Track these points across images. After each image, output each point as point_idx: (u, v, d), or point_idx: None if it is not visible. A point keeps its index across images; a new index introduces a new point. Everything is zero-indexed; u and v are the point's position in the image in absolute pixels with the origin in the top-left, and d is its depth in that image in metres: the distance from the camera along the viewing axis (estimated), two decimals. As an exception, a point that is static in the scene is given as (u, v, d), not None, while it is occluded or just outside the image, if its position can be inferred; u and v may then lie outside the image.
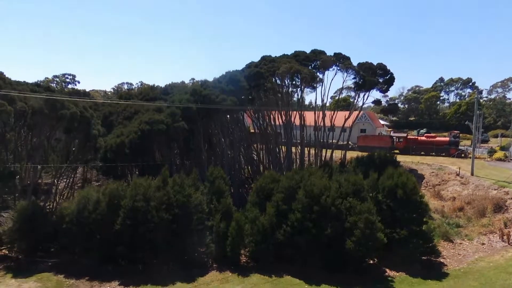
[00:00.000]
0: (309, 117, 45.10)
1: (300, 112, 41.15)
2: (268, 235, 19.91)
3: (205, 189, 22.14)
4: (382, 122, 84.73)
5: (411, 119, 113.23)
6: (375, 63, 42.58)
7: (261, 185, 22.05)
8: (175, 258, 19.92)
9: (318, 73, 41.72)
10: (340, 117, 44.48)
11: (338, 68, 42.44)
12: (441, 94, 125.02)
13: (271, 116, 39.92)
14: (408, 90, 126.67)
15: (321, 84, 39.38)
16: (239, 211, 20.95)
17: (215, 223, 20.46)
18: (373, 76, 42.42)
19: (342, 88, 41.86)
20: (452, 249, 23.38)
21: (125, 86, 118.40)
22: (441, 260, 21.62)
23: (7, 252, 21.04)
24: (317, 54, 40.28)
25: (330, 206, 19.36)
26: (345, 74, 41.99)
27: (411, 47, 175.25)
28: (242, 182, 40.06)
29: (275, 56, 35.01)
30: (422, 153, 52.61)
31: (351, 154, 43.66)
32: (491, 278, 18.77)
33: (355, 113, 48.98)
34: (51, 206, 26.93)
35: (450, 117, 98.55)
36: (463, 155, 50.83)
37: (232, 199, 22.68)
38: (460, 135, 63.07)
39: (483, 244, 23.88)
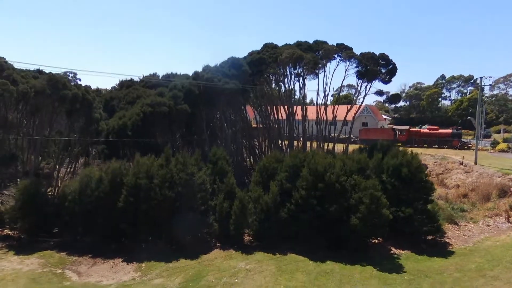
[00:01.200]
0: (311, 111, 44.99)
1: (302, 100, 41.07)
2: (271, 214, 19.71)
3: (208, 170, 21.95)
4: (384, 116, 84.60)
5: (413, 116, 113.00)
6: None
7: (264, 164, 21.88)
8: (178, 237, 19.73)
9: (320, 68, 41.75)
10: (342, 111, 44.45)
11: (341, 58, 42.26)
12: (443, 92, 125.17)
13: (273, 108, 39.77)
14: (410, 87, 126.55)
15: (323, 71, 39.11)
16: (242, 190, 20.73)
17: (218, 202, 20.28)
18: (376, 66, 42.28)
19: (344, 78, 41.35)
20: (457, 231, 23.18)
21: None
22: (446, 240, 21.45)
23: (9, 232, 20.91)
24: (320, 44, 40.10)
25: (335, 183, 19.18)
26: (348, 63, 41.90)
27: (412, 44, 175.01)
28: (245, 172, 39.92)
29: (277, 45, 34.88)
30: (424, 145, 52.40)
31: (353, 147, 43.57)
32: (497, 255, 18.58)
33: (357, 106, 48.92)
34: (52, 193, 26.77)
35: (452, 113, 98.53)
36: (465, 147, 50.66)
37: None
38: (462, 131, 62.98)
39: (488, 225, 23.69)
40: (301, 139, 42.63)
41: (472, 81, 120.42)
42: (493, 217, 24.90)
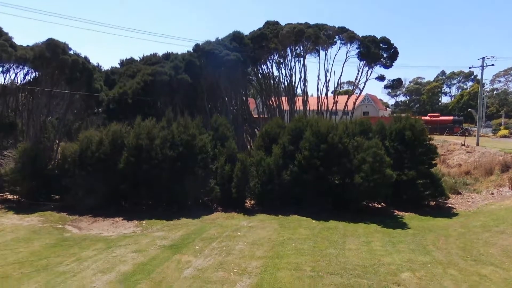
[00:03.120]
0: (312, 103, 44.86)
1: (303, 83, 40.93)
2: (274, 176, 19.48)
3: (209, 136, 21.72)
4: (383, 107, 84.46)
5: (413, 110, 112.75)
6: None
7: (266, 130, 21.65)
8: (179, 199, 19.54)
9: (321, 50, 41.82)
10: (342, 101, 44.43)
11: (342, 42, 42.13)
12: (443, 86, 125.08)
13: (275, 99, 39.68)
14: (410, 82, 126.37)
15: (325, 53, 38.95)
16: (243, 153, 20.53)
17: (220, 165, 20.06)
18: (377, 49, 42.18)
19: (346, 60, 41.18)
20: (461, 199, 23.03)
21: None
22: (450, 205, 21.27)
23: (8, 196, 20.68)
24: (320, 26, 39.91)
25: (337, 144, 19.00)
26: (349, 46, 41.80)
27: (412, 39, 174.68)
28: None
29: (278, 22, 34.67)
30: (426, 132, 52.15)
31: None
32: (502, 215, 18.38)
33: (357, 96, 48.85)
34: (52, 166, 26.55)
35: (453, 107, 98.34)
36: (466, 133, 50.50)
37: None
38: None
39: (492, 194, 23.52)
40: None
41: (472, 76, 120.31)
42: (497, 188, 24.72)
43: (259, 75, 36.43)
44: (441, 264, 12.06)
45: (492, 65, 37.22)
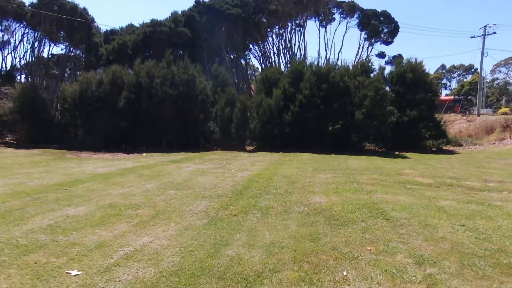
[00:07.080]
0: None
1: (303, 56, 40.80)
2: (275, 117, 19.34)
3: (210, 84, 21.60)
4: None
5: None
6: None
7: (267, 75, 21.48)
8: (180, 141, 19.43)
9: (321, 27, 42.02)
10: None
11: (342, 16, 42.21)
12: (443, 79, 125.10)
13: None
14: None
15: (323, 26, 38.85)
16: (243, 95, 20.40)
17: (219, 107, 19.92)
18: (377, 22, 42.17)
19: (346, 31, 41.14)
20: (462, 148, 22.97)
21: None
22: (452, 150, 21.21)
23: (7, 139, 20.54)
24: (319, -1, 39.85)
25: (339, 82, 18.88)
26: (349, 18, 41.83)
27: (412, 34, 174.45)
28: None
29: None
30: (426, 111, 52.04)
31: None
32: (504, 153, 18.35)
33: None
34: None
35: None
36: (467, 111, 50.51)
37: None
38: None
39: (493, 143, 23.47)
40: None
41: (472, 70, 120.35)
42: (498, 140, 24.67)
43: (260, 51, 36.39)
44: (443, 168, 11.98)
45: (494, 33, 37.07)
